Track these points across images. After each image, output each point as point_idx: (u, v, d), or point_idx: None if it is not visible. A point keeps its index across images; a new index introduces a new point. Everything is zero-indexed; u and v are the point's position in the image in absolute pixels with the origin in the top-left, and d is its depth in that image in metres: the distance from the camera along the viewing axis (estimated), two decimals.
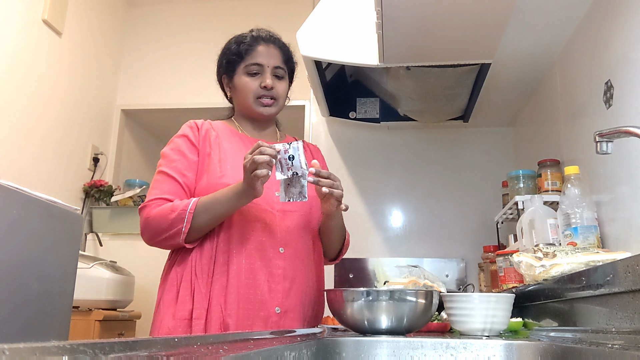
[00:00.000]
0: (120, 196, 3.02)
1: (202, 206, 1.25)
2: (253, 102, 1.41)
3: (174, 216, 1.24)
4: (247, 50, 1.42)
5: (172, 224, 1.24)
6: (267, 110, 1.42)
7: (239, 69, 1.42)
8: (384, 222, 2.41)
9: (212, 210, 1.25)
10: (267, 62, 1.41)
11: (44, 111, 2.67)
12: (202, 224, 1.26)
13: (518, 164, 2.32)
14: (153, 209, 1.27)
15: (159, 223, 1.26)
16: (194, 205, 1.25)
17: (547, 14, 1.60)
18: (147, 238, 1.30)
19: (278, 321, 1.27)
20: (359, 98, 2.32)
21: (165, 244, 1.30)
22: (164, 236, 1.26)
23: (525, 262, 1.25)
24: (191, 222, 1.24)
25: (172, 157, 1.36)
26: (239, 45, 1.43)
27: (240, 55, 1.42)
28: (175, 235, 1.25)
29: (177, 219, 1.24)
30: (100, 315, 2.26)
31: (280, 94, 1.43)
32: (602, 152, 1.02)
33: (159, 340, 0.62)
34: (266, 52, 1.42)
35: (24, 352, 0.40)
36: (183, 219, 1.23)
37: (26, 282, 1.44)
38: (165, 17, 3.50)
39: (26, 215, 1.46)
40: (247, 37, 1.45)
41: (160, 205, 1.28)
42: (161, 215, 1.26)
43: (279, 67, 1.43)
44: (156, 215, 1.26)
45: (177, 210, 1.24)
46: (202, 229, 1.27)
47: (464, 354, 0.93)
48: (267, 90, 1.40)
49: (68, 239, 1.66)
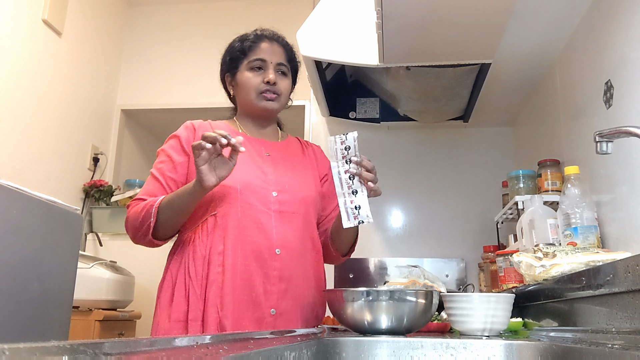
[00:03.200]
0: (120, 196, 3.02)
1: (165, 202, 1.27)
2: (256, 97, 1.41)
3: (144, 213, 1.27)
4: (250, 46, 1.42)
5: (142, 221, 1.27)
6: (270, 104, 1.41)
7: (242, 65, 1.43)
8: (384, 222, 2.41)
9: (173, 203, 1.26)
10: (270, 58, 1.42)
11: (43, 111, 2.67)
12: (165, 219, 1.27)
13: (518, 164, 2.32)
14: (132, 208, 1.32)
15: (134, 221, 1.29)
16: (159, 201, 1.27)
17: (547, 14, 1.60)
18: (130, 237, 1.34)
19: (273, 322, 1.27)
20: (359, 98, 2.32)
21: (143, 241, 1.32)
22: (139, 234, 1.29)
23: (525, 262, 1.25)
24: (157, 216, 1.26)
25: (160, 158, 1.39)
26: (243, 43, 1.44)
27: (244, 52, 1.43)
28: (146, 231, 1.27)
29: (146, 215, 1.26)
30: (100, 315, 2.26)
31: (283, 91, 1.43)
32: (602, 152, 1.02)
33: (159, 340, 0.62)
34: (269, 49, 1.43)
35: (24, 352, 0.40)
36: (150, 214, 1.26)
37: (26, 282, 1.44)
38: (165, 17, 3.50)
39: (26, 215, 1.46)
40: (250, 35, 1.46)
41: (138, 204, 1.31)
42: (135, 213, 1.29)
43: (282, 64, 1.44)
44: (132, 214, 1.30)
45: (147, 207, 1.27)
46: (168, 224, 1.29)
47: (464, 354, 0.93)
48: (270, 85, 1.40)
49: (68, 239, 1.66)
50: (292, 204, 1.36)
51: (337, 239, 1.46)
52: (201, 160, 1.16)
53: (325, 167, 1.55)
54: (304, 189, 1.41)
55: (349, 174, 1.23)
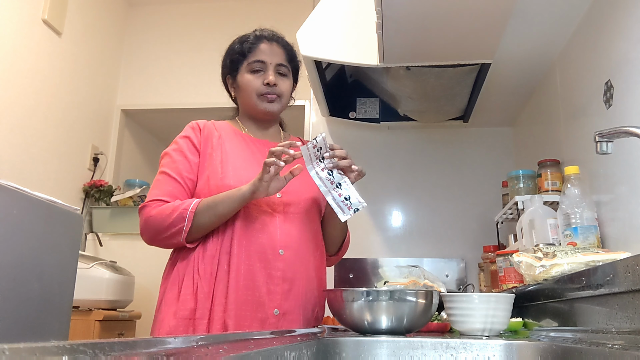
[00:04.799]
0: (120, 196, 3.02)
1: (204, 205, 1.26)
2: (256, 100, 1.41)
3: (176, 215, 1.25)
4: (249, 48, 1.42)
5: (173, 223, 1.25)
6: (270, 106, 1.41)
7: (242, 67, 1.43)
8: (384, 222, 2.41)
9: (216, 208, 1.26)
10: (269, 59, 1.42)
11: (43, 111, 2.67)
12: (203, 223, 1.26)
13: (518, 164, 2.32)
14: (153, 209, 1.28)
15: (160, 222, 1.26)
16: (195, 205, 1.26)
17: (547, 14, 1.60)
18: (147, 238, 1.31)
19: (276, 323, 1.27)
20: (359, 98, 2.32)
21: (166, 243, 1.30)
22: (164, 235, 1.27)
23: (525, 262, 1.25)
24: (192, 221, 1.25)
25: (174, 157, 1.36)
26: (242, 44, 1.43)
27: (243, 54, 1.42)
28: (176, 234, 1.26)
29: (178, 218, 1.25)
30: (100, 315, 2.26)
31: (283, 92, 1.43)
32: (602, 152, 1.02)
33: (159, 340, 0.62)
34: (269, 50, 1.43)
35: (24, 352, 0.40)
36: (184, 218, 1.24)
37: (26, 282, 1.44)
38: (165, 17, 3.50)
39: (26, 215, 1.46)
40: (250, 36, 1.45)
41: (160, 205, 1.28)
42: (162, 214, 1.27)
43: (282, 64, 1.43)
44: (157, 214, 1.27)
45: (179, 210, 1.25)
46: (203, 228, 1.28)
47: (464, 354, 0.93)
48: (269, 87, 1.40)
49: (68, 239, 1.66)
50: (296, 205, 1.37)
51: (326, 237, 1.47)
52: (268, 176, 1.22)
53: None
54: (308, 190, 1.41)
55: (326, 170, 1.27)
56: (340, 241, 1.50)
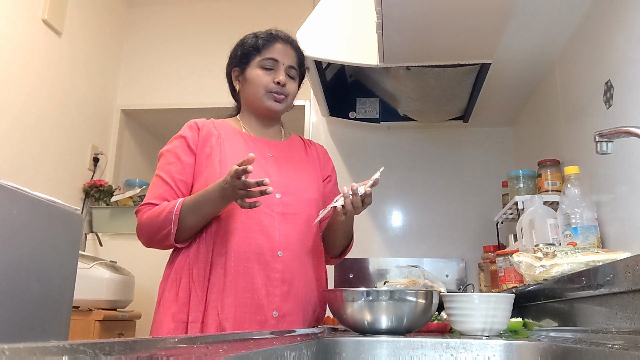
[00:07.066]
0: (120, 196, 3.02)
1: (188, 206, 1.26)
2: (263, 95, 1.41)
3: (162, 218, 1.26)
4: (264, 44, 1.42)
5: (161, 226, 1.26)
6: (277, 105, 1.42)
7: (253, 62, 1.42)
8: (384, 222, 2.41)
9: (199, 210, 1.26)
10: (282, 59, 1.42)
11: (43, 111, 2.67)
12: (191, 223, 1.27)
13: (518, 164, 2.32)
14: (144, 213, 1.30)
15: (150, 227, 1.28)
16: (179, 206, 1.26)
17: (547, 14, 1.60)
18: (143, 242, 1.33)
19: (275, 325, 1.26)
20: (359, 98, 2.32)
21: (161, 245, 1.32)
22: (157, 238, 1.29)
23: (525, 262, 1.25)
24: (178, 222, 1.25)
25: (168, 159, 1.37)
26: (257, 39, 1.44)
27: (258, 49, 1.42)
28: (166, 237, 1.27)
29: (165, 220, 1.26)
30: (100, 315, 2.26)
31: (290, 93, 1.44)
32: (602, 152, 1.02)
33: (159, 340, 0.62)
34: (283, 50, 1.43)
35: (24, 352, 0.40)
36: (170, 221, 1.25)
37: (26, 282, 1.44)
38: (165, 17, 3.50)
39: (26, 215, 1.46)
40: (265, 34, 1.45)
41: (151, 209, 1.30)
42: (151, 218, 1.28)
43: (293, 67, 1.44)
44: (147, 219, 1.29)
45: (165, 213, 1.26)
46: (192, 227, 1.28)
47: (464, 354, 0.93)
48: (279, 86, 1.40)
49: (68, 239, 1.66)
50: (295, 205, 1.36)
51: (328, 241, 1.47)
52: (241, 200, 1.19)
53: (328, 169, 1.55)
54: (307, 190, 1.41)
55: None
56: (344, 245, 1.50)
